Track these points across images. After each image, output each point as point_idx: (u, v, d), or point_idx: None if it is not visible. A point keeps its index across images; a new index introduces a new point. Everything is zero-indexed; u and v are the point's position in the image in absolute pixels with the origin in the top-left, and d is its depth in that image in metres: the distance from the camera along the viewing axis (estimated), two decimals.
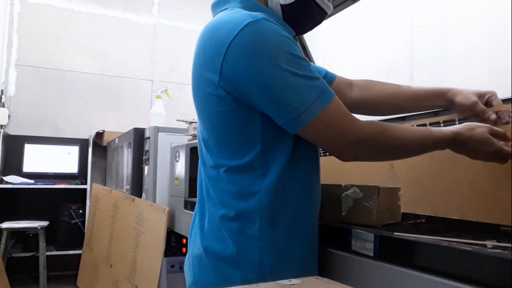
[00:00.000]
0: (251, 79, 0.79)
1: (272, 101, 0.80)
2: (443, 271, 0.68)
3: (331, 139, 0.83)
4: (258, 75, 0.78)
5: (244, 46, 0.78)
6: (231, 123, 0.85)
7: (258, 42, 0.78)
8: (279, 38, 0.79)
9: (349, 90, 1.17)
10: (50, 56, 4.30)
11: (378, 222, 0.94)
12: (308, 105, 0.78)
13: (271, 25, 0.80)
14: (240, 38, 0.77)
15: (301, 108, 0.78)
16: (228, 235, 0.87)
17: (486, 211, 1.03)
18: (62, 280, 3.92)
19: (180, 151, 2.22)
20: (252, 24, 0.78)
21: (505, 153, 0.86)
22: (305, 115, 0.79)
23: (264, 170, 0.85)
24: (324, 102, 0.80)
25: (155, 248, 2.23)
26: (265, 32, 0.78)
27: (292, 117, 0.79)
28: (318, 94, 0.79)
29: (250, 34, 0.78)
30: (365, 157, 0.92)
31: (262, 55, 0.77)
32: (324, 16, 0.97)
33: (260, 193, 0.85)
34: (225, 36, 0.79)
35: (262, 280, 0.83)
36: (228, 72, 0.80)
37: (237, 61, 0.78)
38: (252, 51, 0.77)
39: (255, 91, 0.79)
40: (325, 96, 0.80)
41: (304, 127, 0.80)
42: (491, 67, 2.90)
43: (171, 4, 4.84)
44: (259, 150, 0.85)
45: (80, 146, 4.18)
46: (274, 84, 0.78)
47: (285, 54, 0.79)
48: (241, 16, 0.80)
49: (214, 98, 0.84)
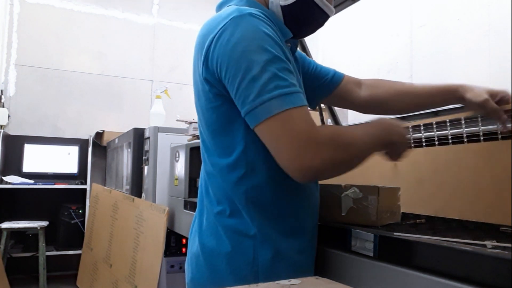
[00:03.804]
0: (225, 68, 0.79)
1: (237, 90, 0.78)
2: (443, 271, 0.68)
3: (282, 144, 0.75)
4: (230, 64, 0.78)
5: (225, 38, 0.79)
6: (217, 121, 0.87)
7: (236, 34, 0.78)
8: (256, 32, 0.79)
9: (358, 89, 1.16)
10: (50, 56, 4.30)
11: (377, 222, 0.94)
12: (264, 100, 0.75)
13: (253, 20, 0.80)
14: (223, 31, 0.80)
15: (257, 102, 0.75)
16: (224, 232, 0.88)
17: (486, 211, 1.03)
18: (62, 280, 3.92)
19: (180, 151, 2.22)
20: (236, 18, 0.79)
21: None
22: (260, 111, 0.75)
23: (250, 169, 0.85)
24: (285, 103, 0.74)
25: (154, 248, 2.23)
26: (245, 25, 0.79)
27: (249, 109, 0.77)
28: (280, 94, 0.75)
29: (231, 27, 0.79)
30: (317, 165, 0.74)
31: (237, 46, 0.78)
32: (326, 19, 0.96)
33: (250, 193, 0.86)
34: (211, 31, 0.82)
35: (256, 277, 0.84)
36: (210, 63, 0.82)
37: (216, 52, 0.80)
38: (230, 41, 0.79)
39: (226, 79, 0.80)
40: (289, 99, 0.75)
41: (259, 124, 0.76)
42: (491, 67, 2.90)
43: (170, 4, 4.84)
44: (243, 149, 0.85)
45: (80, 146, 4.18)
46: (241, 73, 0.77)
47: (259, 48, 0.77)
48: (229, 10, 0.82)
49: (203, 94, 0.87)
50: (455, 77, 3.11)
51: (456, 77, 3.10)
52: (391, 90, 1.12)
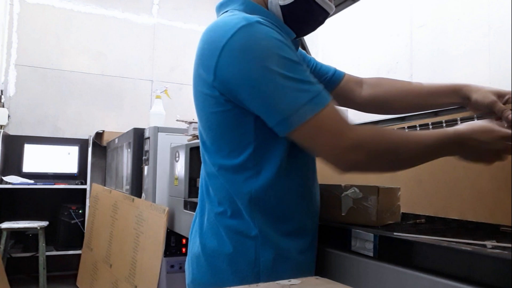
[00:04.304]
0: (242, 81, 0.79)
1: (262, 103, 0.80)
2: (443, 271, 0.68)
3: (324, 145, 0.79)
4: (248, 77, 0.78)
5: (236, 48, 0.79)
6: (225, 124, 0.86)
7: (249, 44, 0.78)
8: (270, 41, 0.79)
9: (359, 88, 1.15)
10: (50, 56, 4.30)
11: (377, 222, 0.94)
12: (297, 108, 0.76)
13: (264, 28, 0.80)
14: (233, 41, 0.79)
15: (289, 111, 0.77)
16: (225, 232, 0.88)
17: (486, 211, 1.03)
18: (61, 280, 3.92)
19: (179, 151, 2.22)
20: (245, 27, 0.79)
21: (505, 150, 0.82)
22: (294, 119, 0.77)
23: (257, 170, 0.86)
24: (317, 106, 0.77)
25: (154, 248, 2.23)
26: (256, 34, 0.79)
27: (280, 119, 0.78)
28: (309, 97, 0.77)
29: (242, 37, 0.78)
30: (362, 165, 0.81)
31: (252, 57, 0.78)
32: (325, 16, 0.96)
33: (252, 194, 0.86)
34: (219, 38, 0.80)
35: (257, 278, 0.84)
36: (221, 73, 0.81)
37: (229, 63, 0.79)
38: (243, 53, 0.78)
39: (245, 92, 0.80)
40: (318, 101, 0.77)
41: (293, 130, 0.78)
42: (491, 67, 2.90)
43: (170, 4, 4.84)
44: (252, 151, 0.85)
45: (79, 146, 4.18)
46: (263, 86, 0.78)
47: (276, 56, 0.78)
48: (236, 19, 0.81)
49: (209, 98, 0.86)
50: (455, 77, 3.11)
51: (456, 77, 3.10)
52: (393, 89, 1.10)
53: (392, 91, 1.10)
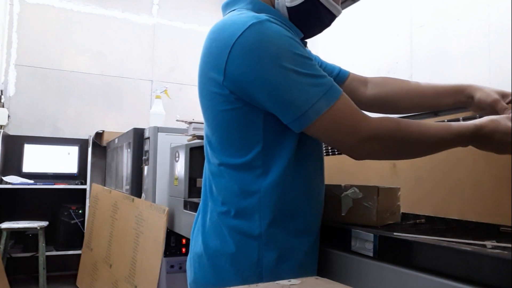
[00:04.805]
0: (255, 79, 0.79)
1: (276, 101, 0.80)
2: (443, 271, 0.68)
3: (340, 137, 0.81)
4: (261, 75, 0.78)
5: (247, 47, 0.78)
6: (233, 122, 0.86)
7: (260, 42, 0.78)
8: (281, 38, 0.80)
9: (364, 88, 1.15)
10: (50, 56, 4.29)
11: (377, 222, 0.94)
12: (312, 103, 0.78)
13: (274, 26, 0.80)
14: (243, 39, 0.78)
15: (305, 107, 0.78)
16: (228, 232, 0.87)
17: (486, 212, 1.03)
18: (61, 281, 3.91)
19: (179, 151, 2.22)
20: (255, 25, 0.79)
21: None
22: (310, 113, 0.78)
23: (265, 169, 0.86)
24: (330, 100, 0.79)
25: (154, 248, 2.23)
26: (268, 32, 0.79)
27: (297, 115, 0.79)
28: (323, 92, 0.78)
29: (253, 35, 0.78)
30: (378, 154, 0.86)
31: (264, 55, 0.78)
32: (332, 19, 0.96)
33: (261, 192, 0.85)
34: (229, 37, 0.80)
35: (260, 278, 0.84)
36: (232, 72, 0.80)
37: (241, 62, 0.79)
38: (254, 51, 0.78)
39: (259, 91, 0.80)
40: (331, 94, 0.79)
41: (310, 125, 0.80)
42: (491, 67, 2.90)
43: (170, 4, 4.84)
44: (260, 149, 0.85)
45: (79, 146, 4.18)
46: (278, 83, 0.78)
47: (288, 53, 0.79)
48: (246, 18, 0.81)
49: (218, 97, 0.85)
50: (455, 77, 3.11)
51: (456, 77, 3.10)
52: (398, 88, 1.10)
53: (397, 91, 1.11)
